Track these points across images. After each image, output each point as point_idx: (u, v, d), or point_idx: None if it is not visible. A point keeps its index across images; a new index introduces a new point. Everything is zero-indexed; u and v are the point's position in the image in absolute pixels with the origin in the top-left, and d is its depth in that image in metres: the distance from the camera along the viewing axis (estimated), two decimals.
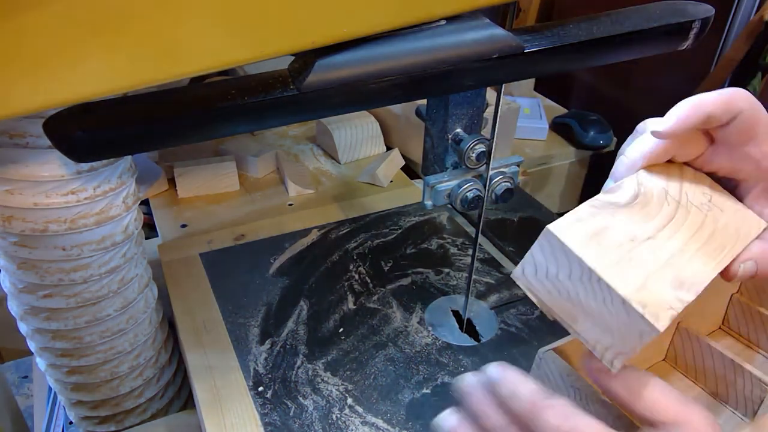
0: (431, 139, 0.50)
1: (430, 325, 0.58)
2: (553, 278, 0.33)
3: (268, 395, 0.51)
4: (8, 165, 0.44)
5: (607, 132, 1.07)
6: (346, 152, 0.90)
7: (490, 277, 0.65)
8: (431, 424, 0.36)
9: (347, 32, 0.34)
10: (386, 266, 0.66)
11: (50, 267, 0.50)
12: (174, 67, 0.31)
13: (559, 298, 0.33)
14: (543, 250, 0.33)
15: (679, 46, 0.43)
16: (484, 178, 0.49)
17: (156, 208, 0.79)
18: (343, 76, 0.34)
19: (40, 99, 0.30)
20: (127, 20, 0.29)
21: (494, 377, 0.33)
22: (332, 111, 0.38)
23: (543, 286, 0.33)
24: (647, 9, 0.42)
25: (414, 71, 0.36)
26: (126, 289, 0.55)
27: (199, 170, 0.81)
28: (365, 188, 0.84)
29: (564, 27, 0.40)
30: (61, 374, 0.57)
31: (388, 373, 0.53)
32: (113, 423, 0.62)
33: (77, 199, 0.47)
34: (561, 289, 0.32)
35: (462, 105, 0.47)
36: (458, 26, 0.37)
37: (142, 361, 0.60)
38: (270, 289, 0.63)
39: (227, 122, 0.34)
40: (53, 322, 0.53)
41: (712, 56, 1.04)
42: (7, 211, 0.46)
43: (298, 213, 0.77)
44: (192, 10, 0.30)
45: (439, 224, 0.74)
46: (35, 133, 0.43)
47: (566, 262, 0.32)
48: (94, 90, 0.31)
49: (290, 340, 0.56)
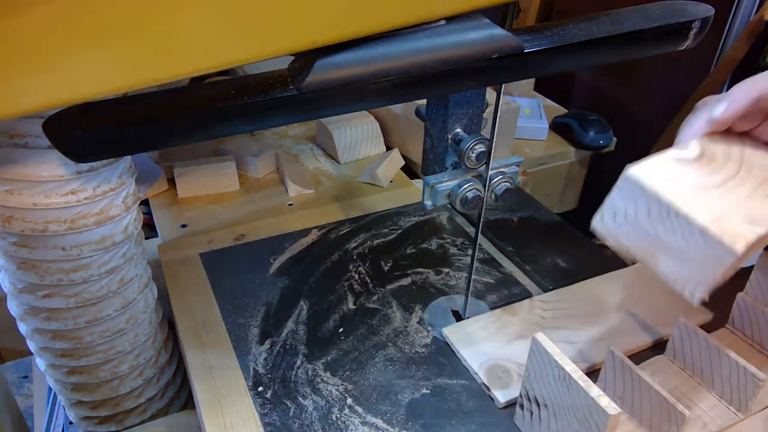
0: (431, 139, 0.50)
1: (429, 325, 0.58)
2: (631, 220, 0.35)
3: (268, 395, 0.51)
4: (8, 165, 0.44)
5: (607, 132, 1.07)
6: (346, 152, 0.90)
7: (490, 277, 0.65)
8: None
9: (347, 32, 0.34)
10: (386, 266, 0.66)
11: (50, 267, 0.49)
12: (174, 67, 0.31)
13: (638, 238, 0.35)
14: (622, 193, 0.36)
15: (679, 46, 0.43)
16: (484, 178, 0.49)
17: (156, 208, 0.79)
18: (343, 76, 0.34)
19: (40, 99, 0.30)
20: (126, 20, 0.29)
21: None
22: (332, 111, 0.38)
23: (622, 229, 0.36)
24: (647, 9, 0.42)
25: (414, 71, 0.36)
26: (126, 289, 0.55)
27: (199, 170, 0.81)
28: (365, 188, 0.84)
29: (564, 27, 0.40)
30: (61, 374, 0.57)
31: (387, 373, 0.53)
32: (113, 423, 0.62)
33: (77, 199, 0.47)
34: (640, 230, 0.35)
35: (462, 105, 0.47)
36: (458, 26, 0.37)
37: (142, 361, 0.60)
38: (270, 289, 0.63)
39: (227, 122, 0.34)
40: (53, 322, 0.53)
41: (712, 56, 1.04)
42: (7, 211, 0.46)
43: (298, 213, 0.77)
44: (192, 10, 0.30)
45: (439, 224, 0.74)
46: (35, 133, 0.43)
47: (644, 201, 0.34)
48: (94, 90, 0.31)
49: (290, 340, 0.56)
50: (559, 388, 0.41)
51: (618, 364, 0.46)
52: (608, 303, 0.59)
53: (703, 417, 0.47)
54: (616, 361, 0.46)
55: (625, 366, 0.45)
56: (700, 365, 0.49)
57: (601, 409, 0.37)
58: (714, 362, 0.48)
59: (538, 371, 0.43)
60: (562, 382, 0.40)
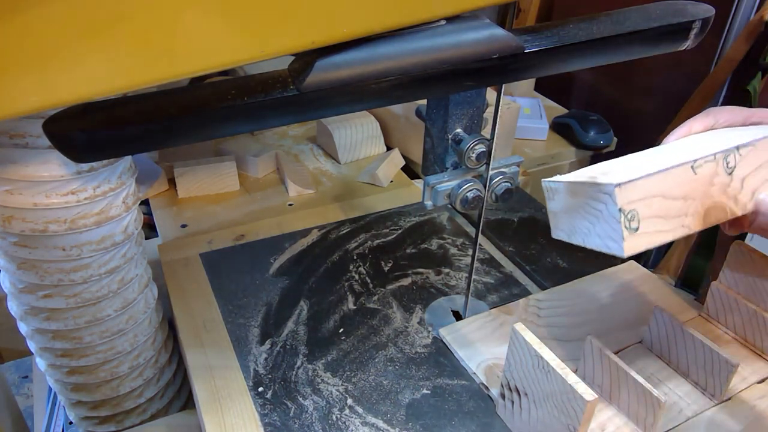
0: (431, 139, 0.50)
1: (430, 325, 0.58)
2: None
3: (268, 395, 0.51)
4: (8, 165, 0.44)
5: (607, 132, 1.07)
6: (346, 152, 0.90)
7: (490, 277, 0.65)
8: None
9: (347, 32, 0.34)
10: (386, 266, 0.66)
11: (50, 267, 0.49)
12: (174, 67, 0.31)
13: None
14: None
15: (679, 46, 0.43)
16: (484, 178, 0.49)
17: (156, 208, 0.79)
18: (343, 76, 0.34)
19: (40, 99, 0.30)
20: (127, 20, 0.29)
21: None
22: (332, 111, 0.38)
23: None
24: (647, 9, 0.42)
25: (414, 71, 0.36)
26: (126, 290, 0.55)
27: (199, 170, 0.81)
28: (365, 188, 0.84)
29: (564, 27, 0.40)
30: (61, 374, 0.57)
31: (388, 374, 0.53)
32: (113, 423, 0.62)
33: (77, 199, 0.47)
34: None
35: (462, 105, 0.47)
36: (458, 26, 0.37)
37: (142, 362, 0.60)
38: (270, 289, 0.63)
39: (227, 122, 0.34)
40: (53, 322, 0.53)
41: (712, 56, 1.04)
42: (7, 211, 0.46)
43: (298, 213, 0.77)
44: (192, 10, 0.30)
45: (439, 224, 0.74)
46: (35, 133, 0.43)
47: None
48: (94, 90, 0.31)
49: (290, 341, 0.56)
50: (539, 376, 0.42)
51: (596, 352, 0.47)
52: (603, 301, 0.60)
53: (679, 403, 0.48)
54: (595, 350, 0.47)
55: (603, 354, 0.46)
56: (675, 352, 0.51)
57: (578, 396, 0.38)
58: (689, 349, 0.49)
59: (518, 360, 0.44)
60: (541, 370, 0.41)
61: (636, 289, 0.62)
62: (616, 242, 0.35)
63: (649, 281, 0.63)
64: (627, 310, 0.58)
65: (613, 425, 0.46)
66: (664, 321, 0.51)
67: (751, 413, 0.48)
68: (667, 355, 0.52)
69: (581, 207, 0.37)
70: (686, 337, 0.49)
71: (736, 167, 0.39)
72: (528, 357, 0.42)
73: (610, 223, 0.35)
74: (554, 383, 0.40)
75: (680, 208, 0.37)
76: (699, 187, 0.37)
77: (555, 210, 0.41)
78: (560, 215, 0.40)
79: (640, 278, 0.63)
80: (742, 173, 0.39)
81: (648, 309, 0.58)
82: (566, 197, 0.39)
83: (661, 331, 0.51)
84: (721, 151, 0.38)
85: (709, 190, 0.38)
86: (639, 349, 0.54)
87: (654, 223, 0.36)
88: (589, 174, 0.37)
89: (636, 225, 0.35)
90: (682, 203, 0.37)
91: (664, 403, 0.42)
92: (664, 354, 0.52)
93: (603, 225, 0.36)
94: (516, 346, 0.43)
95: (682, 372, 0.51)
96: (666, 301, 0.60)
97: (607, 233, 0.35)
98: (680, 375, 0.51)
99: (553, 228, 0.41)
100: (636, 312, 0.58)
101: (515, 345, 0.43)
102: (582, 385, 0.39)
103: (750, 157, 0.39)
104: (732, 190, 0.39)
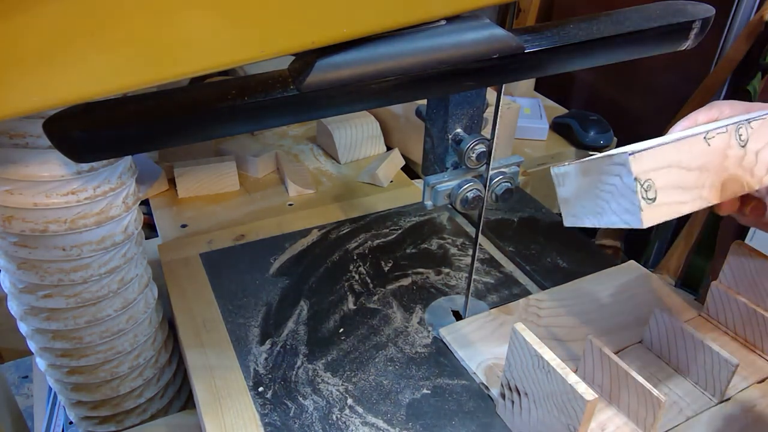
0: (431, 139, 0.50)
1: (430, 325, 0.58)
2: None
3: (268, 395, 0.51)
4: (8, 165, 0.44)
5: (607, 132, 1.07)
6: (346, 152, 0.90)
7: (490, 277, 0.65)
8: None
9: (347, 32, 0.34)
10: (386, 266, 0.66)
11: (50, 267, 0.50)
12: (174, 67, 0.31)
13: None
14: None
15: (679, 46, 0.43)
16: (484, 178, 0.49)
17: (156, 208, 0.79)
18: (343, 76, 0.34)
19: (40, 99, 0.30)
20: (127, 20, 0.29)
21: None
22: (332, 111, 0.38)
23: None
24: (647, 9, 0.42)
25: (414, 71, 0.36)
26: (126, 290, 0.55)
27: (199, 170, 0.81)
28: (365, 188, 0.84)
29: (564, 27, 0.40)
30: (61, 374, 0.57)
31: (388, 374, 0.53)
32: (113, 423, 0.62)
33: (77, 199, 0.47)
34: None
35: (462, 105, 0.47)
36: (458, 26, 0.37)
37: (142, 362, 0.60)
38: (270, 289, 0.63)
39: (227, 122, 0.34)
40: (53, 322, 0.53)
41: (712, 56, 1.04)
42: (7, 211, 0.46)
43: (298, 213, 0.77)
44: (192, 10, 0.30)
45: (439, 224, 0.74)
46: (35, 133, 0.43)
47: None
48: (94, 90, 0.31)
49: (290, 340, 0.56)
50: (539, 376, 0.42)
51: (596, 352, 0.47)
52: (603, 301, 0.60)
53: (679, 402, 0.49)
54: (595, 350, 0.47)
55: (603, 354, 0.46)
56: (675, 352, 0.51)
57: (578, 396, 0.38)
58: (689, 349, 0.49)
59: (518, 360, 0.44)
60: (541, 370, 0.41)
61: (636, 289, 0.62)
62: (634, 215, 0.34)
63: (649, 281, 0.63)
64: (627, 310, 0.59)
65: (613, 425, 0.46)
66: (664, 321, 0.51)
67: (751, 413, 0.48)
68: (667, 355, 0.52)
69: (594, 186, 0.37)
70: (686, 337, 0.49)
71: (749, 140, 0.38)
72: (528, 357, 0.42)
73: (626, 195, 0.34)
74: (554, 383, 0.40)
75: (696, 179, 0.36)
76: (714, 159, 0.37)
77: (565, 196, 0.40)
78: (571, 200, 0.40)
79: (640, 278, 0.63)
80: (755, 147, 0.39)
81: (648, 309, 0.58)
82: (578, 179, 0.38)
83: (661, 331, 0.51)
84: (733, 123, 0.38)
85: (723, 162, 0.37)
86: (639, 349, 0.54)
87: (671, 194, 0.35)
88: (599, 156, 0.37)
89: (653, 195, 0.34)
90: (698, 175, 0.36)
91: (664, 402, 0.42)
92: (664, 354, 0.52)
93: (618, 199, 0.35)
94: (516, 346, 0.43)
95: (682, 372, 0.51)
96: (666, 301, 0.60)
97: (623, 207, 0.35)
98: (680, 375, 0.51)
99: (565, 216, 0.41)
100: (636, 312, 0.58)
101: (515, 345, 0.43)
102: (582, 384, 0.39)
103: (762, 131, 0.39)
104: (747, 163, 0.38)
